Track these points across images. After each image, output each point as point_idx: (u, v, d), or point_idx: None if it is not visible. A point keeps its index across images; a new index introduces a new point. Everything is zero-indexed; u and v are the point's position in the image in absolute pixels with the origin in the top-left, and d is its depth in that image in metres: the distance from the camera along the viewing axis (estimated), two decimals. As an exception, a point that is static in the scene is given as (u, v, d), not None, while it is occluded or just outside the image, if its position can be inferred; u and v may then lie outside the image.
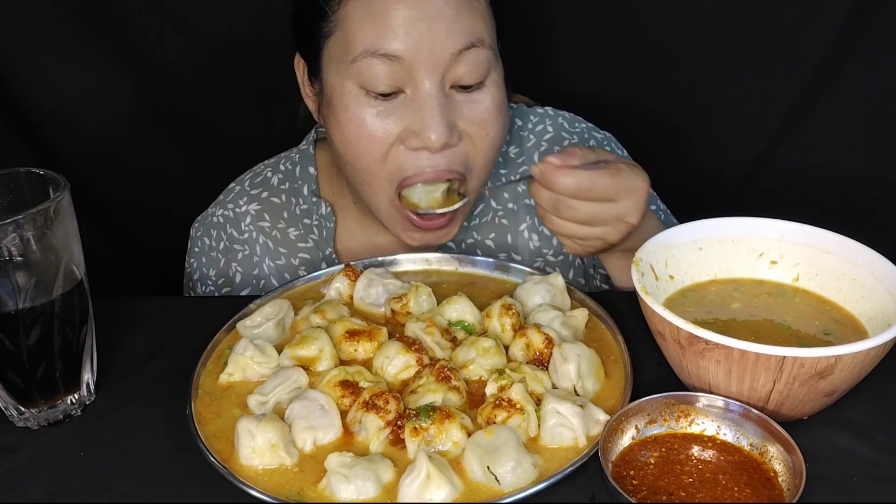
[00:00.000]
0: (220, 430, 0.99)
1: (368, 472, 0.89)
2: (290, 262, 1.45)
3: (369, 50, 1.17)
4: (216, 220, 1.49)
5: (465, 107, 1.23)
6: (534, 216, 1.43)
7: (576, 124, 1.47)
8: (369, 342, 1.09)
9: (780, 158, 1.75)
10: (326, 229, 1.44)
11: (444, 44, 1.17)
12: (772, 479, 0.88)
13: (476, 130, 1.24)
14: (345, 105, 1.22)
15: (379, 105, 1.21)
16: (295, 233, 1.46)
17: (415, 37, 1.16)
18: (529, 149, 1.45)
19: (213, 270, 1.48)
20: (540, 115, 1.48)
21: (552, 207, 1.11)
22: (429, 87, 1.18)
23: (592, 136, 1.47)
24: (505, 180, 1.45)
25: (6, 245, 0.94)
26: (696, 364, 0.94)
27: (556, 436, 0.94)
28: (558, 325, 1.09)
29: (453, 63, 1.19)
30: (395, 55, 1.17)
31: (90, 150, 1.76)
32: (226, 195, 1.51)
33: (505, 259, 1.37)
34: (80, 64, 1.69)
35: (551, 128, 1.46)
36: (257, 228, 1.46)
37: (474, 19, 1.20)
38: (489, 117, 1.24)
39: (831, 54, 1.62)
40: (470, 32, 1.19)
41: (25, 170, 1.02)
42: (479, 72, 1.21)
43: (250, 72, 1.75)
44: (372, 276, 1.20)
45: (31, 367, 1.00)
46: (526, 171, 1.44)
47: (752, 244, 1.12)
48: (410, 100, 1.20)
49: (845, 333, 1.01)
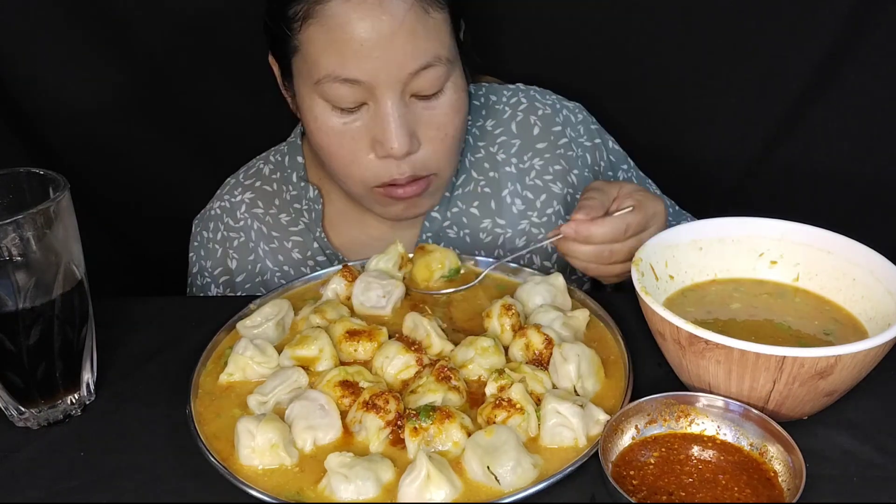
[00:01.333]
0: (220, 430, 0.99)
1: (368, 472, 0.89)
2: (284, 245, 1.49)
3: (331, 75, 1.23)
4: (214, 212, 1.54)
5: (424, 113, 1.29)
6: (515, 182, 1.47)
7: (547, 96, 1.53)
8: (369, 342, 1.09)
9: (780, 158, 1.74)
10: (315, 211, 1.48)
11: (401, 65, 1.22)
12: (772, 479, 0.88)
13: (434, 133, 1.30)
14: (314, 116, 1.29)
15: (345, 117, 1.27)
16: (286, 217, 1.50)
17: (373, 62, 1.21)
18: (505, 120, 1.50)
19: (210, 262, 1.52)
20: (512, 90, 1.54)
21: (595, 258, 1.16)
22: (389, 103, 1.24)
23: (563, 106, 1.52)
24: (492, 169, 1.47)
25: (6, 245, 0.94)
26: (696, 364, 0.94)
27: (556, 436, 0.94)
28: (559, 326, 1.09)
29: (411, 80, 1.24)
30: (357, 79, 1.22)
31: (90, 149, 1.76)
32: (222, 189, 1.57)
33: (503, 257, 1.37)
34: (80, 64, 1.69)
35: (525, 100, 1.51)
36: (252, 215, 1.51)
37: (430, 38, 1.24)
38: (447, 119, 1.30)
39: (831, 54, 1.61)
40: (427, 52, 1.24)
41: (25, 170, 1.02)
42: (437, 84, 1.27)
43: (251, 72, 1.75)
44: (369, 279, 1.20)
45: (31, 367, 1.00)
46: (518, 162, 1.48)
47: (752, 244, 1.12)
48: (374, 112, 1.26)
49: (845, 333, 1.01)
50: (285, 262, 1.48)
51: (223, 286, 1.51)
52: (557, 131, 1.48)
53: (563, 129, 1.49)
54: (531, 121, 1.49)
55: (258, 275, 1.48)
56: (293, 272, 1.47)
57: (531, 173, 1.47)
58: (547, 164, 1.47)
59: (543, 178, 1.47)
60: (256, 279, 1.48)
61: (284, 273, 1.47)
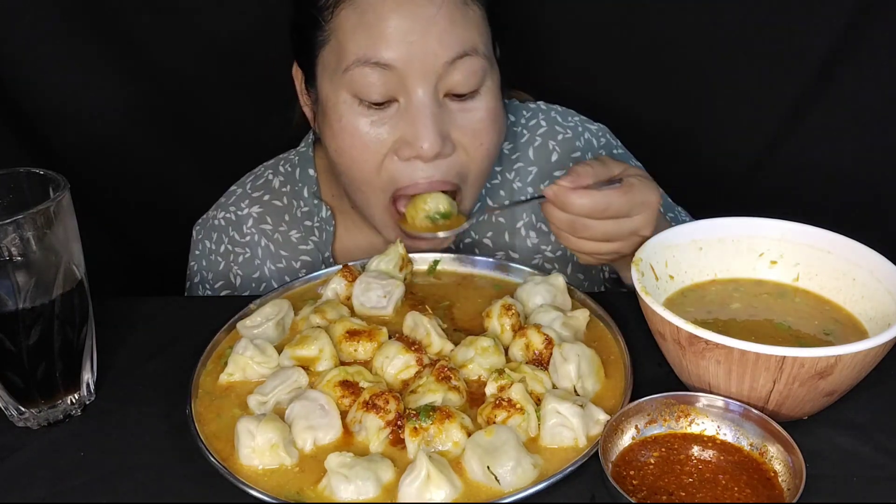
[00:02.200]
0: (220, 430, 0.99)
1: (368, 472, 0.89)
2: (291, 265, 1.45)
3: (362, 59, 1.18)
4: (217, 223, 1.48)
5: (458, 116, 1.22)
6: (530, 214, 1.44)
7: (569, 118, 1.47)
8: (369, 342, 1.09)
9: (781, 158, 1.75)
10: (326, 232, 1.44)
11: (437, 52, 1.17)
12: (772, 479, 0.88)
13: (470, 140, 1.24)
14: (339, 114, 1.23)
15: (372, 115, 1.21)
16: (297, 235, 1.46)
17: (407, 45, 1.16)
18: (523, 144, 1.45)
19: (212, 274, 1.48)
20: (532, 110, 1.47)
21: (568, 227, 1.11)
22: (421, 96, 1.18)
23: (586, 129, 1.47)
24: (508, 197, 1.44)
25: (6, 245, 0.94)
26: (696, 364, 0.94)
27: (556, 436, 0.94)
28: (559, 326, 1.09)
29: (447, 71, 1.19)
30: (388, 64, 1.17)
31: (90, 149, 1.77)
32: (227, 198, 1.51)
33: (504, 258, 1.37)
34: (81, 64, 1.69)
35: (544, 122, 1.46)
36: (259, 231, 1.46)
37: (468, 28, 1.20)
38: (483, 127, 1.24)
39: (832, 55, 1.62)
40: (463, 41, 1.19)
41: (25, 170, 1.02)
42: (474, 80, 1.21)
43: (250, 72, 1.75)
44: (369, 279, 1.20)
45: (31, 367, 1.00)
46: (535, 192, 1.44)
47: (752, 244, 1.12)
48: (403, 109, 1.20)
49: (845, 333, 1.01)
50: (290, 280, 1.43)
51: None
52: (577, 157, 1.43)
53: (583, 155, 1.43)
54: (550, 146, 1.43)
55: (262, 293, 1.43)
56: None
57: None
58: None
59: None
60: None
61: None
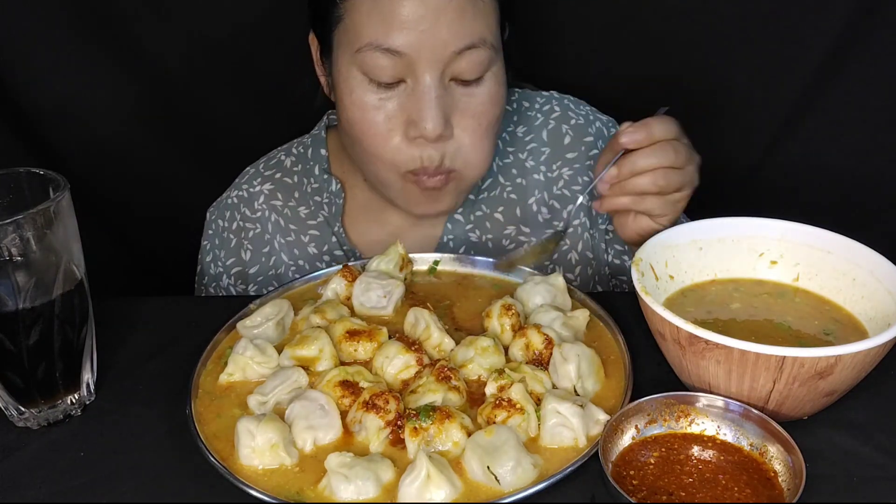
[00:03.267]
0: (220, 430, 0.99)
1: (368, 472, 0.89)
2: (300, 239, 1.47)
3: (374, 44, 1.21)
4: (230, 201, 1.52)
5: (462, 99, 1.27)
6: (543, 190, 1.45)
7: (580, 106, 1.51)
8: (369, 342, 1.09)
9: (780, 158, 1.75)
10: (336, 205, 1.47)
11: (446, 42, 1.20)
12: (772, 479, 0.88)
13: (469, 122, 1.28)
14: (350, 89, 1.27)
15: (381, 93, 1.25)
16: (305, 210, 1.49)
17: (418, 34, 1.19)
18: (537, 127, 1.49)
19: (224, 251, 1.51)
20: (546, 97, 1.52)
21: (652, 185, 1.15)
22: (428, 81, 1.22)
23: (597, 118, 1.50)
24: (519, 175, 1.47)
25: (6, 245, 0.94)
26: (696, 364, 0.94)
27: (556, 436, 0.94)
28: (559, 326, 1.09)
29: (454, 60, 1.22)
30: (398, 51, 1.20)
31: (90, 150, 1.77)
32: (241, 178, 1.55)
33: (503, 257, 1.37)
34: (81, 64, 1.69)
35: (558, 108, 1.50)
36: (269, 207, 1.50)
37: (478, 19, 1.23)
38: (484, 109, 1.28)
39: (832, 54, 1.62)
40: (473, 33, 1.22)
41: (25, 170, 1.02)
42: (479, 69, 1.25)
43: (250, 72, 1.75)
44: (369, 279, 1.20)
45: (31, 367, 1.00)
46: (547, 171, 1.46)
47: (752, 244, 1.12)
48: (411, 90, 1.24)
49: (845, 333, 1.01)
50: (301, 257, 1.46)
51: (234, 277, 1.49)
52: (589, 142, 1.46)
53: (594, 140, 1.47)
54: (563, 129, 1.47)
55: (272, 268, 1.47)
56: (308, 267, 1.44)
57: (559, 182, 1.45)
58: (576, 175, 1.45)
59: (571, 188, 1.45)
60: (270, 272, 1.47)
61: (299, 268, 1.45)
